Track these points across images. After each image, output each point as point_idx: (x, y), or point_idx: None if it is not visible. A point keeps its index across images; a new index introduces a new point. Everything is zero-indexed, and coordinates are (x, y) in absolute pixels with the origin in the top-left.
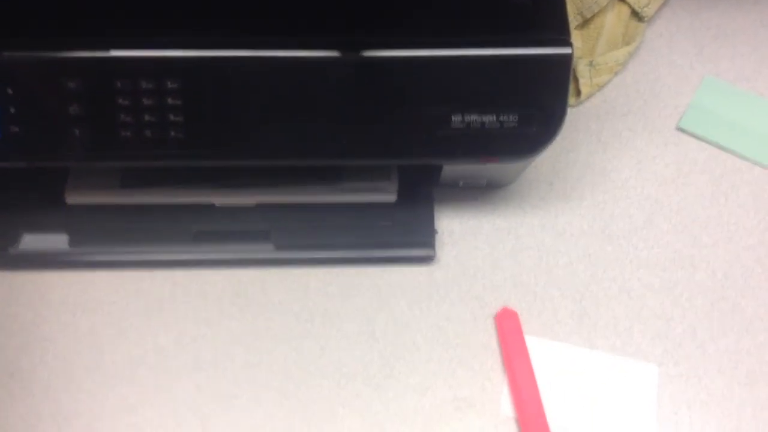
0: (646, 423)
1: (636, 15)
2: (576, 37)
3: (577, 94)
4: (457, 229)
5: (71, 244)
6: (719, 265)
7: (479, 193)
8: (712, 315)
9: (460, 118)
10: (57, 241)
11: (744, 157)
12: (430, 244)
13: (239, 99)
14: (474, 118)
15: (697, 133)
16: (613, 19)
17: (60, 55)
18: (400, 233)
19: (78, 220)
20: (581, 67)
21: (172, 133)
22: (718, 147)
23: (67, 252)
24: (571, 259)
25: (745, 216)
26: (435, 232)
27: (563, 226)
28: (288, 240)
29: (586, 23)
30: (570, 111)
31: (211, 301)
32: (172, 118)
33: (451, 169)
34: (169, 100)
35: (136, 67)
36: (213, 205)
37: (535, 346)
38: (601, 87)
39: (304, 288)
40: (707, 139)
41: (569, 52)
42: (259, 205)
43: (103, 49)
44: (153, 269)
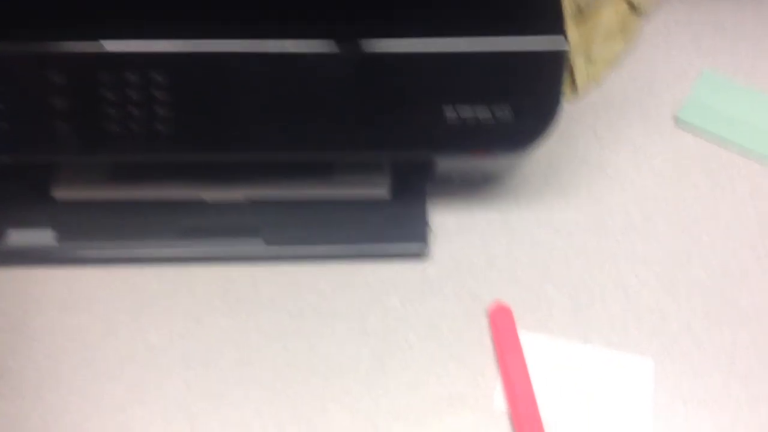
0: (641, 418)
1: (633, 8)
2: (573, 31)
3: (574, 87)
4: (450, 224)
5: (59, 239)
6: (716, 260)
7: (473, 187)
8: (709, 310)
9: (453, 113)
10: (44, 237)
11: (742, 152)
12: (424, 240)
13: (228, 93)
14: (468, 112)
15: (694, 128)
16: (611, 13)
17: (46, 49)
18: (392, 228)
19: (66, 215)
20: (578, 61)
21: (161, 128)
22: (715, 141)
23: (55, 248)
24: (566, 254)
25: (743, 211)
26: (428, 228)
27: (558, 221)
28: (279, 236)
29: (583, 16)
30: (566, 105)
31: (200, 297)
32: (160, 112)
33: (446, 164)
34: (158, 94)
35: (124, 60)
36: (203, 201)
37: (529, 341)
38: (598, 81)
39: (295, 284)
40: (705, 134)
41: (564, 45)
42: (249, 200)
43: (90, 42)
44: (142, 265)
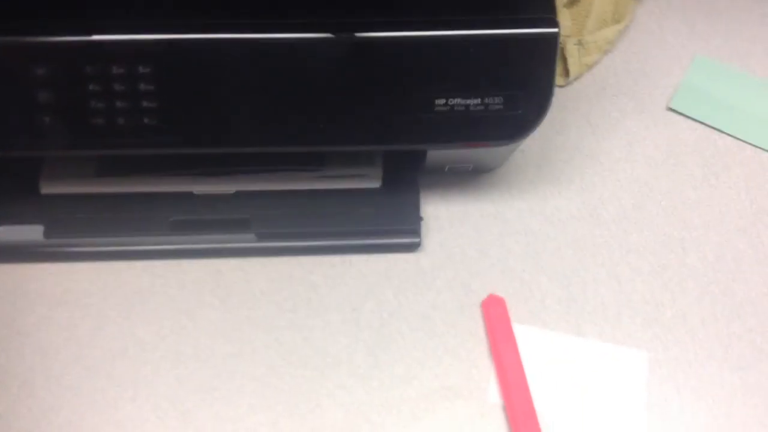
0: (635, 410)
1: None
2: (565, 16)
3: (566, 74)
4: (443, 215)
5: (47, 235)
6: (710, 248)
7: (466, 177)
8: (703, 299)
9: (443, 102)
10: (32, 232)
11: (735, 138)
12: (416, 232)
13: (216, 84)
14: (458, 101)
15: (688, 113)
16: None
17: (28, 40)
18: (384, 220)
19: (53, 210)
20: (570, 46)
21: (147, 120)
22: (709, 127)
23: (43, 243)
24: (559, 244)
25: (737, 197)
26: (420, 219)
27: (551, 211)
28: (269, 228)
29: (575, 0)
30: (558, 92)
31: (191, 292)
32: (145, 104)
33: (437, 154)
34: (143, 86)
35: (108, 51)
36: (192, 194)
37: (522, 333)
38: (591, 67)
39: (286, 277)
40: (698, 119)
41: (555, 31)
42: (239, 192)
43: (73, 33)
44: (131, 260)
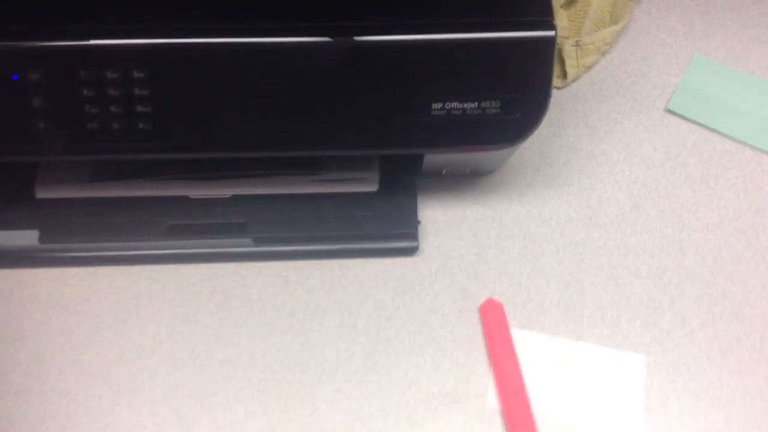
0: (633, 414)
1: None
2: (562, 17)
3: (564, 75)
4: (440, 218)
5: (42, 240)
6: (708, 251)
7: (463, 181)
8: (701, 302)
9: (440, 106)
10: (27, 237)
11: (734, 139)
12: (414, 236)
13: (211, 89)
14: (455, 104)
15: (686, 115)
16: None
17: (21, 45)
18: (382, 224)
19: (49, 215)
20: (567, 48)
21: (142, 125)
22: (707, 128)
23: (38, 248)
24: (557, 247)
25: (735, 199)
26: (418, 223)
27: (549, 213)
28: (266, 233)
29: (572, 2)
30: (556, 93)
31: (187, 296)
32: (140, 109)
33: (434, 158)
34: (138, 91)
35: (103, 56)
36: (188, 198)
37: (520, 338)
38: (589, 68)
39: (283, 282)
40: (697, 121)
41: (552, 34)
42: (235, 196)
43: (66, 38)
44: (127, 265)
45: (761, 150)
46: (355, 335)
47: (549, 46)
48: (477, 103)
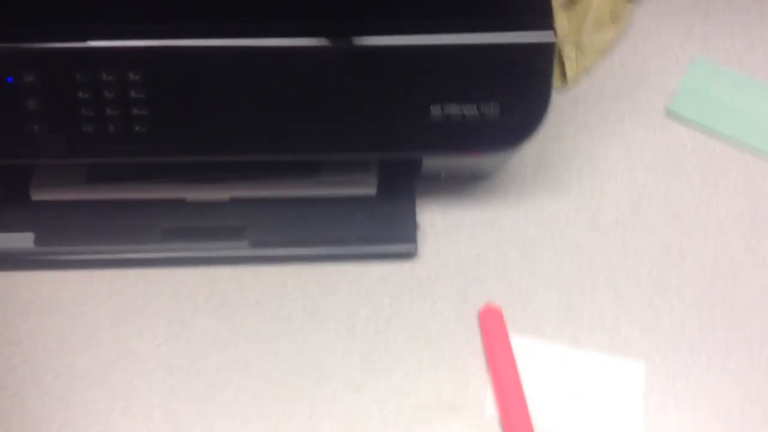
0: (632, 421)
1: None
2: (562, 18)
3: (563, 77)
4: (439, 222)
5: (37, 242)
6: (708, 255)
7: (462, 184)
8: (701, 307)
9: (438, 110)
10: (23, 240)
11: (735, 142)
12: (412, 239)
13: (208, 91)
14: (453, 109)
15: (687, 117)
16: None
17: (17, 46)
18: (380, 228)
19: (45, 218)
20: (567, 49)
21: (138, 128)
22: (708, 131)
23: (34, 251)
24: (556, 252)
25: (736, 203)
26: (417, 227)
27: (548, 217)
28: (264, 236)
29: (572, 2)
30: (555, 95)
31: (184, 300)
32: (136, 112)
33: (432, 161)
34: (133, 93)
35: (97, 58)
36: (184, 200)
37: (519, 344)
38: (588, 70)
39: (281, 286)
40: (697, 123)
41: (552, 37)
42: (233, 199)
43: (62, 40)
44: (123, 268)
45: (762, 152)
46: (353, 340)
47: (549, 50)
48: (476, 107)
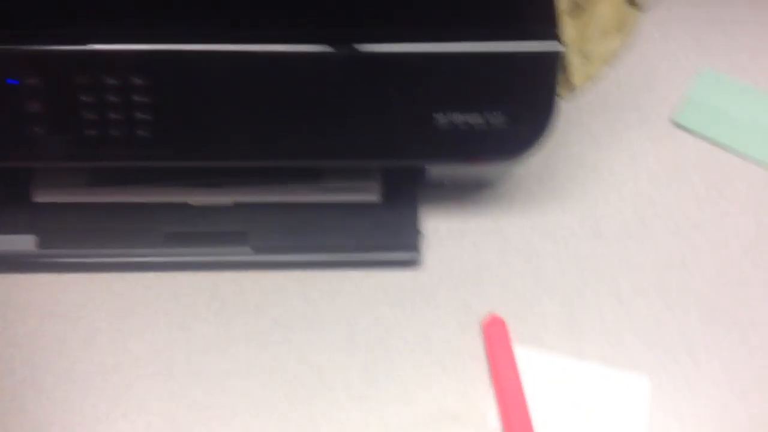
0: None
1: (630, 2)
2: (568, 26)
3: (569, 86)
4: (442, 229)
5: (38, 245)
6: (714, 269)
7: (465, 191)
8: (705, 321)
9: (443, 118)
10: (23, 242)
11: (741, 154)
12: (415, 247)
13: (211, 96)
14: (458, 117)
15: (692, 128)
16: (607, 6)
17: (20, 48)
18: (383, 235)
19: (47, 220)
20: (573, 58)
21: (140, 133)
22: (714, 142)
23: (35, 254)
24: (560, 262)
25: (742, 216)
26: (420, 235)
27: (553, 227)
28: (266, 242)
29: (578, 10)
30: (561, 104)
31: (185, 305)
32: (139, 116)
33: (437, 169)
34: (137, 98)
35: (101, 61)
36: (187, 205)
37: (523, 355)
38: (593, 78)
39: (282, 292)
40: (703, 134)
41: (558, 46)
42: (236, 204)
43: (65, 42)
44: (124, 272)
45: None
46: (354, 348)
47: (555, 59)
48: (481, 116)
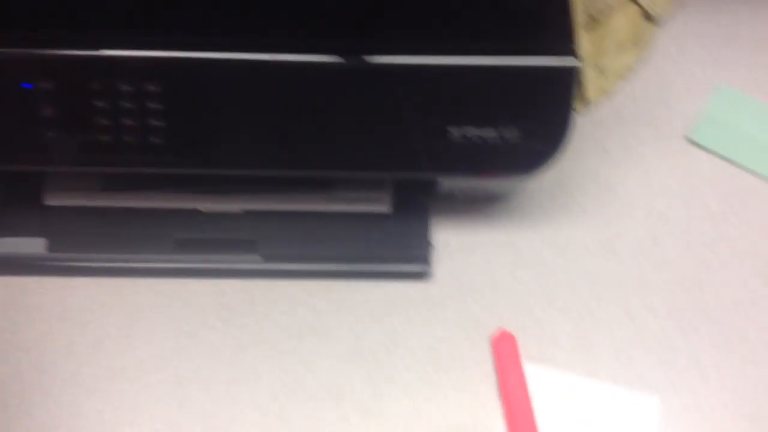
0: None
1: (647, 16)
2: (584, 40)
3: (584, 100)
4: (453, 242)
5: (49, 248)
6: (726, 289)
7: (477, 205)
8: (717, 342)
9: (457, 131)
10: (34, 245)
11: (756, 173)
12: (426, 259)
13: (224, 105)
14: (472, 131)
15: (707, 146)
16: (623, 21)
17: (34, 53)
18: (393, 246)
19: (57, 223)
20: (588, 73)
21: (152, 139)
22: (729, 161)
23: (45, 257)
24: (571, 278)
25: (756, 235)
26: (430, 247)
27: (565, 242)
28: (276, 251)
29: (594, 23)
30: (575, 119)
31: (193, 312)
32: (153, 123)
33: (449, 182)
34: (150, 104)
35: (116, 67)
36: (198, 211)
37: (532, 373)
38: (608, 93)
39: (291, 301)
40: (718, 152)
41: (575, 62)
42: (246, 212)
43: (80, 48)
44: (134, 277)
45: None
46: (362, 360)
47: (572, 75)
48: (496, 131)
